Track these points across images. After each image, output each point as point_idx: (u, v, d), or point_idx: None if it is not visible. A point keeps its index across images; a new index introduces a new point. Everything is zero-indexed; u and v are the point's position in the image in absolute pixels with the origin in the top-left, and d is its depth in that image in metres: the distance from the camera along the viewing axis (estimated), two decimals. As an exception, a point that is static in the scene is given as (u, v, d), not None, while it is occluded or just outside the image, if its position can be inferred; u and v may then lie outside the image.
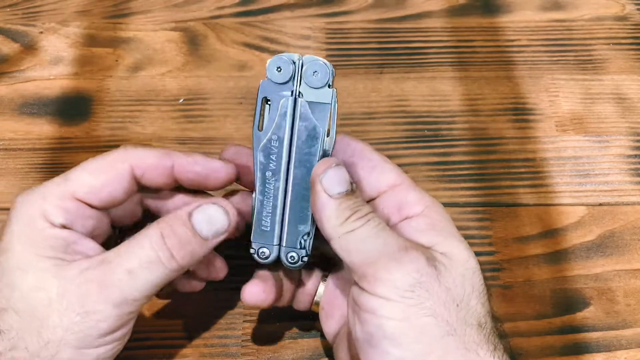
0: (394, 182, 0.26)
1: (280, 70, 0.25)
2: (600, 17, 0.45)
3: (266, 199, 0.26)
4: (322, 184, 0.24)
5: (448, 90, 0.41)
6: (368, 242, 0.23)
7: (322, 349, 0.31)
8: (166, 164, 0.25)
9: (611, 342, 0.31)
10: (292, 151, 0.25)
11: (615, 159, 0.37)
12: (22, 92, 0.41)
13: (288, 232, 0.26)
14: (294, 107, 0.25)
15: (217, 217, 0.25)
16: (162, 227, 0.24)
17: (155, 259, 0.23)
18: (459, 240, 0.25)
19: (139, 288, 0.23)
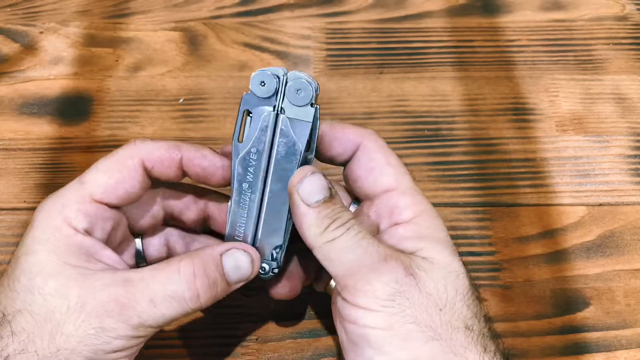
0: (389, 187, 0.26)
1: (264, 85, 0.25)
2: (600, 17, 0.45)
3: (241, 209, 0.26)
4: (299, 193, 0.24)
5: (448, 90, 0.41)
6: (348, 252, 0.23)
7: (322, 349, 0.31)
8: (174, 156, 0.25)
9: (611, 342, 0.31)
10: (270, 165, 0.25)
11: (615, 159, 0.37)
12: (22, 92, 0.41)
13: (260, 244, 0.26)
14: (275, 123, 0.25)
15: (244, 264, 0.25)
16: (196, 264, 0.24)
17: (181, 296, 0.23)
18: (443, 246, 0.24)
19: (158, 319, 0.23)
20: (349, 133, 0.27)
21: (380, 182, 0.26)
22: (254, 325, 0.31)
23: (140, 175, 0.25)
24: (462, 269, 0.24)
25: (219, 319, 0.32)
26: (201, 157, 0.26)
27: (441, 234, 0.25)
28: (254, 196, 0.26)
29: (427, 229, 0.25)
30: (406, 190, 0.26)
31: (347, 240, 0.23)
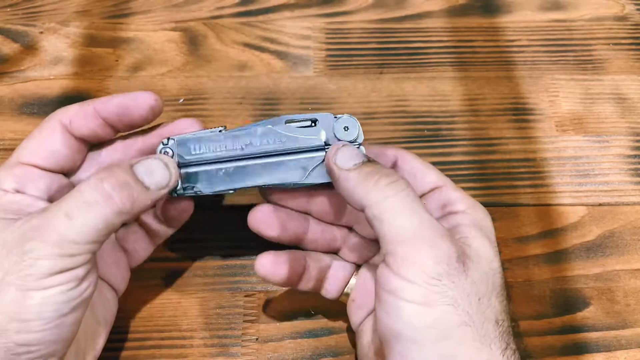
0: (437, 184, 0.27)
1: (346, 130, 0.27)
2: (600, 17, 0.45)
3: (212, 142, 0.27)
4: (336, 164, 0.25)
5: (448, 90, 0.41)
6: (404, 217, 0.23)
7: (322, 349, 0.31)
8: (87, 109, 0.26)
9: (611, 342, 0.31)
10: (275, 157, 0.27)
11: (615, 159, 0.37)
12: (22, 92, 0.41)
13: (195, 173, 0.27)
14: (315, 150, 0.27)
15: (158, 169, 0.25)
16: (103, 172, 0.24)
17: (93, 200, 0.23)
18: (490, 242, 0.25)
19: (78, 230, 0.22)
20: (386, 149, 0.28)
21: (428, 180, 0.27)
22: (254, 325, 0.31)
23: (60, 134, 0.26)
24: (500, 268, 0.25)
25: (219, 319, 0.32)
26: (110, 98, 0.26)
27: (490, 230, 0.26)
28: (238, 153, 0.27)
29: (480, 221, 0.26)
30: (453, 186, 0.27)
31: (403, 202, 0.23)
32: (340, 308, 0.30)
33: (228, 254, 0.34)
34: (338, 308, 0.31)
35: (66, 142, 0.26)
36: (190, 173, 0.27)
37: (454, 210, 0.26)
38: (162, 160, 0.25)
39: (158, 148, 0.27)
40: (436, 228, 0.23)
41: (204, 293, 0.32)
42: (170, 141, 0.27)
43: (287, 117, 0.27)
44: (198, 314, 0.32)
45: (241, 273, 0.33)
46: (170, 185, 0.25)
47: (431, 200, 0.27)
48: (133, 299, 0.32)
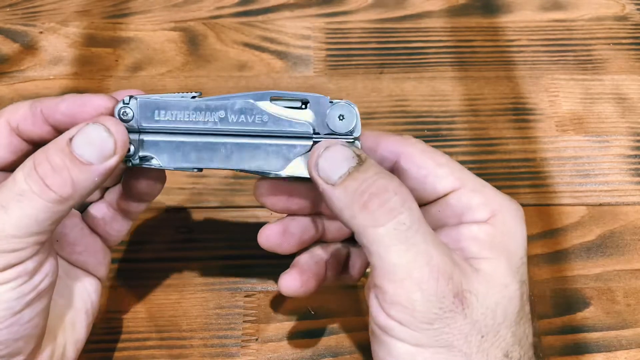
0: (453, 188, 0.23)
1: (342, 120, 0.23)
2: (600, 17, 0.45)
3: (191, 111, 0.23)
4: (320, 176, 0.21)
5: (448, 90, 0.41)
6: (395, 254, 0.20)
7: (322, 349, 0.31)
8: (36, 113, 0.23)
9: (611, 342, 0.31)
10: (259, 138, 0.23)
11: (615, 159, 0.37)
12: (22, 92, 0.41)
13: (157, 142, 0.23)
14: (300, 137, 0.23)
15: (98, 138, 0.21)
16: (36, 155, 0.21)
17: (28, 190, 0.20)
18: (510, 261, 0.22)
19: (16, 223, 0.20)
20: (387, 142, 0.24)
21: (440, 186, 0.23)
22: (254, 325, 0.31)
23: (6, 137, 0.23)
24: (518, 291, 0.21)
25: (218, 319, 0.31)
26: (59, 100, 0.23)
27: (514, 244, 0.22)
28: (217, 127, 0.23)
29: (502, 235, 0.22)
30: (475, 186, 0.23)
31: (396, 234, 0.20)
32: (340, 308, 0.30)
33: (228, 254, 0.34)
34: (338, 308, 0.30)
35: (12, 146, 0.24)
36: (151, 142, 0.23)
37: (472, 219, 0.22)
38: (103, 124, 0.21)
39: (116, 108, 0.23)
40: (433, 264, 0.20)
41: (204, 293, 0.32)
42: (132, 100, 0.23)
43: (274, 93, 0.23)
44: (198, 314, 0.32)
45: (241, 273, 0.33)
46: (117, 154, 0.22)
47: (446, 207, 0.23)
48: (133, 299, 0.32)
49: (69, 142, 0.21)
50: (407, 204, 0.20)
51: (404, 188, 0.21)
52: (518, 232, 0.22)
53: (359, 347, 0.31)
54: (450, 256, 0.21)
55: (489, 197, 0.23)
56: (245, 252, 0.34)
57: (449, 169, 0.23)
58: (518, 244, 0.22)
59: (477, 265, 0.21)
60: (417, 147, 0.24)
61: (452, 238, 0.22)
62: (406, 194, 0.21)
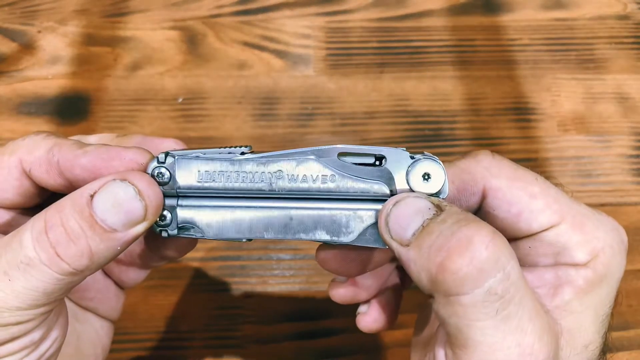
0: (550, 224, 0.19)
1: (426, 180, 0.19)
2: (602, 16, 0.44)
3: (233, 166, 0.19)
4: (390, 232, 0.17)
5: (449, 89, 0.41)
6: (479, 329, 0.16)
7: (322, 350, 0.31)
8: (52, 159, 0.19)
9: (613, 343, 0.31)
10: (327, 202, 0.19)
11: (617, 159, 0.37)
12: (20, 91, 0.41)
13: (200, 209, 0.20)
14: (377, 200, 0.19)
15: (126, 199, 0.18)
16: (49, 215, 0.17)
17: (35, 259, 0.17)
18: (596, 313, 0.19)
19: (20, 295, 0.17)
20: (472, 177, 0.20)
21: (537, 223, 0.19)
22: (254, 326, 0.31)
23: (16, 178, 0.20)
24: (598, 349, 0.19)
25: (218, 320, 0.31)
26: (81, 154, 0.19)
27: (610, 286, 0.19)
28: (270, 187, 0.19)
29: (600, 281, 0.19)
30: (575, 220, 0.19)
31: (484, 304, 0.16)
32: (340, 309, 0.30)
33: (228, 254, 0.34)
34: (338, 310, 0.30)
35: (22, 188, 0.20)
36: (190, 207, 0.20)
37: (569, 262, 0.19)
38: (132, 183, 0.18)
39: (150, 166, 0.19)
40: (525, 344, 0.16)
41: (204, 293, 0.32)
42: (169, 158, 0.19)
43: (341, 148, 0.19)
44: (198, 314, 0.31)
45: (241, 274, 0.33)
46: (147, 221, 0.18)
47: (540, 244, 0.19)
48: (133, 299, 0.32)
49: (90, 201, 0.17)
50: (501, 262, 0.16)
51: (499, 237, 0.16)
52: (616, 273, 0.19)
53: (359, 347, 0.30)
54: (547, 329, 0.17)
55: (590, 232, 0.19)
56: (245, 252, 0.34)
57: (545, 202, 0.19)
58: (612, 287, 0.19)
59: (562, 320, 0.18)
60: (503, 177, 0.20)
61: (545, 280, 0.19)
62: (501, 246, 0.16)
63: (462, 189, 0.20)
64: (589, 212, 0.20)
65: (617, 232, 0.20)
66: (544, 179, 0.20)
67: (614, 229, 0.20)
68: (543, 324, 0.17)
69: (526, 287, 0.17)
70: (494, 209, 0.20)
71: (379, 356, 0.31)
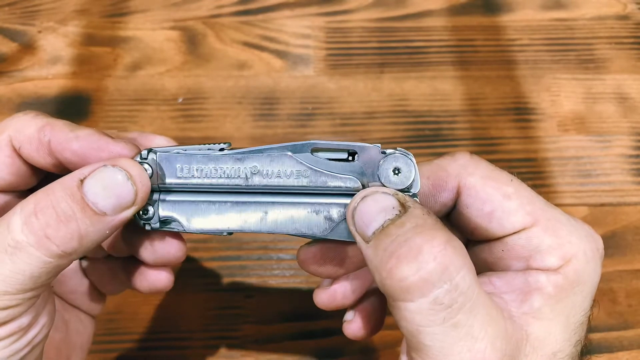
0: (523, 225, 0.19)
1: (397, 174, 0.19)
2: (601, 16, 0.44)
3: (215, 160, 0.20)
4: (355, 224, 0.18)
5: (449, 89, 0.41)
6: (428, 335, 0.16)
7: (322, 350, 0.31)
8: (43, 137, 0.19)
9: (612, 343, 0.31)
10: (301, 197, 0.20)
11: (617, 159, 0.37)
12: (21, 91, 0.41)
13: (180, 202, 0.20)
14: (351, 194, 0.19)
15: (117, 183, 0.18)
16: (39, 197, 0.17)
17: (24, 242, 0.17)
18: (567, 321, 0.19)
19: (8, 279, 0.17)
20: (447, 174, 0.20)
21: (509, 224, 0.19)
22: (254, 326, 0.31)
23: (8, 156, 0.20)
24: (569, 357, 0.19)
25: (218, 320, 0.31)
26: (73, 137, 0.19)
27: (584, 294, 0.19)
28: (245, 183, 0.20)
29: (571, 287, 0.19)
30: (548, 224, 0.19)
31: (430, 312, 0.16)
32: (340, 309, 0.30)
33: (228, 254, 0.34)
34: (338, 310, 0.30)
35: (14, 167, 0.20)
36: (172, 202, 0.20)
37: (540, 266, 0.19)
38: (124, 168, 0.18)
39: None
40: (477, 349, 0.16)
41: (204, 293, 0.32)
42: (151, 155, 0.20)
43: (315, 144, 0.20)
44: (198, 314, 0.31)
45: (241, 274, 0.33)
46: (136, 205, 0.19)
47: (512, 247, 0.19)
48: (133, 299, 0.32)
49: (81, 184, 0.18)
50: (449, 272, 0.16)
51: (451, 247, 0.16)
52: (589, 281, 0.19)
53: (359, 347, 0.31)
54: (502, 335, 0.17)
55: (564, 237, 0.19)
56: (245, 252, 0.34)
57: (518, 202, 0.19)
58: (586, 296, 0.19)
59: (530, 326, 0.18)
60: (478, 175, 0.20)
61: (515, 286, 0.19)
62: (452, 255, 0.16)
63: (437, 185, 0.20)
64: (564, 217, 0.19)
65: (592, 239, 0.19)
66: (520, 181, 0.20)
67: (588, 235, 0.19)
68: (498, 331, 0.17)
69: (480, 294, 0.17)
70: (467, 207, 0.20)
71: (379, 356, 0.31)
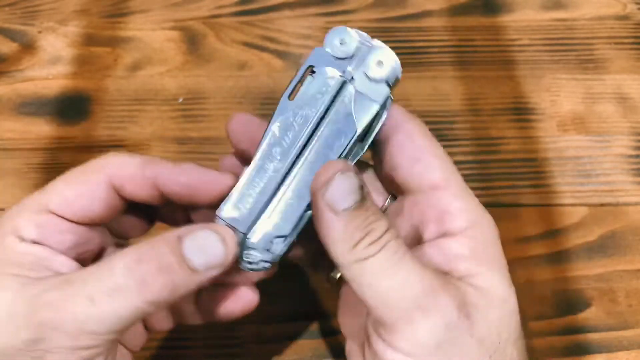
0: (437, 184, 0.21)
1: (343, 44, 0.21)
2: (601, 16, 0.44)
3: (259, 177, 0.21)
4: (325, 198, 0.20)
5: (449, 89, 0.41)
6: (386, 278, 0.19)
7: (322, 349, 0.31)
8: (147, 174, 0.22)
9: (612, 343, 0.31)
10: (312, 138, 0.21)
11: (616, 159, 0.37)
12: (21, 91, 0.41)
13: (262, 226, 0.22)
14: (338, 91, 0.21)
15: (211, 244, 0.20)
16: (143, 249, 0.19)
17: (125, 286, 0.19)
18: (501, 273, 0.21)
19: (101, 319, 0.18)
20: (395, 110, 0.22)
21: (427, 177, 0.22)
22: (254, 325, 0.31)
23: (104, 193, 0.22)
24: (516, 304, 0.21)
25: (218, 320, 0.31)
26: (179, 172, 0.22)
27: (499, 254, 0.21)
28: (280, 166, 0.21)
29: (484, 247, 0.21)
30: (458, 192, 0.22)
31: (383, 260, 0.19)
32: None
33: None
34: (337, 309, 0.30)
35: (110, 203, 0.22)
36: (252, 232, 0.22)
37: (451, 230, 0.21)
38: (218, 233, 0.20)
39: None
40: (426, 280, 0.19)
41: (203, 294, 0.32)
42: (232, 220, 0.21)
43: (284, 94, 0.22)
44: (198, 314, 0.31)
45: (241, 274, 0.33)
46: (223, 266, 0.20)
47: (426, 206, 0.22)
48: (132, 299, 0.32)
49: (179, 240, 0.20)
50: (394, 237, 0.20)
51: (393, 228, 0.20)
52: (498, 242, 0.22)
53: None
54: (441, 274, 0.20)
55: (470, 206, 0.22)
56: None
57: (441, 164, 0.22)
58: (502, 253, 0.21)
59: (471, 281, 0.20)
60: (421, 128, 0.22)
61: (435, 261, 0.21)
62: (394, 231, 0.20)
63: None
64: (472, 192, 0.22)
65: (491, 217, 0.22)
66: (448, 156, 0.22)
67: (488, 213, 0.22)
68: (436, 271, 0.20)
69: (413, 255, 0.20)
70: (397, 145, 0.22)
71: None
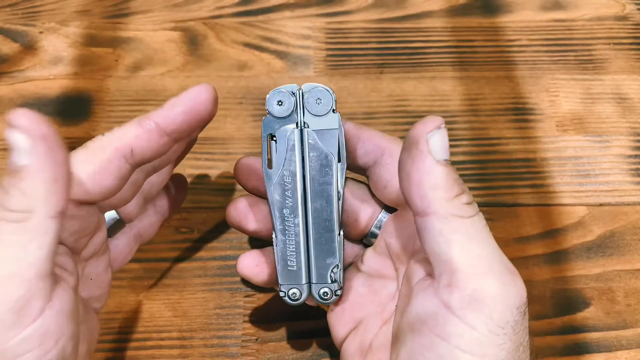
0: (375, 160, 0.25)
1: (282, 104, 0.24)
2: (600, 17, 0.45)
3: (288, 237, 0.25)
4: (429, 143, 0.19)
5: (448, 90, 0.41)
6: (478, 244, 0.19)
7: (322, 349, 0.31)
8: (149, 129, 0.22)
9: (611, 343, 0.31)
10: (306, 184, 0.24)
11: (615, 159, 0.37)
12: (22, 92, 0.41)
13: (317, 268, 0.25)
14: (302, 139, 0.24)
15: None
16: None
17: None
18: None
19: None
20: (375, 137, 0.25)
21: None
22: (254, 325, 0.31)
23: (116, 163, 0.21)
24: None
25: (219, 319, 0.31)
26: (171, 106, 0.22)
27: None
28: (297, 219, 0.25)
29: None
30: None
31: (480, 227, 0.19)
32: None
33: (228, 254, 0.34)
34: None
35: (121, 172, 0.21)
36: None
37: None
38: None
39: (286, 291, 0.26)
40: (506, 260, 0.19)
41: (204, 293, 0.32)
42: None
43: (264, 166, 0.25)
44: (198, 314, 0.32)
45: (241, 273, 0.33)
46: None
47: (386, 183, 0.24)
48: (133, 299, 0.32)
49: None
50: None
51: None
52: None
53: (359, 347, 0.31)
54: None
55: None
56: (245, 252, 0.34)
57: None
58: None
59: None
60: (398, 148, 0.23)
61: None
62: None
63: (364, 140, 0.25)
64: None
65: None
66: None
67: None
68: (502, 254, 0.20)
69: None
70: (386, 165, 0.24)
71: (378, 355, 0.31)
